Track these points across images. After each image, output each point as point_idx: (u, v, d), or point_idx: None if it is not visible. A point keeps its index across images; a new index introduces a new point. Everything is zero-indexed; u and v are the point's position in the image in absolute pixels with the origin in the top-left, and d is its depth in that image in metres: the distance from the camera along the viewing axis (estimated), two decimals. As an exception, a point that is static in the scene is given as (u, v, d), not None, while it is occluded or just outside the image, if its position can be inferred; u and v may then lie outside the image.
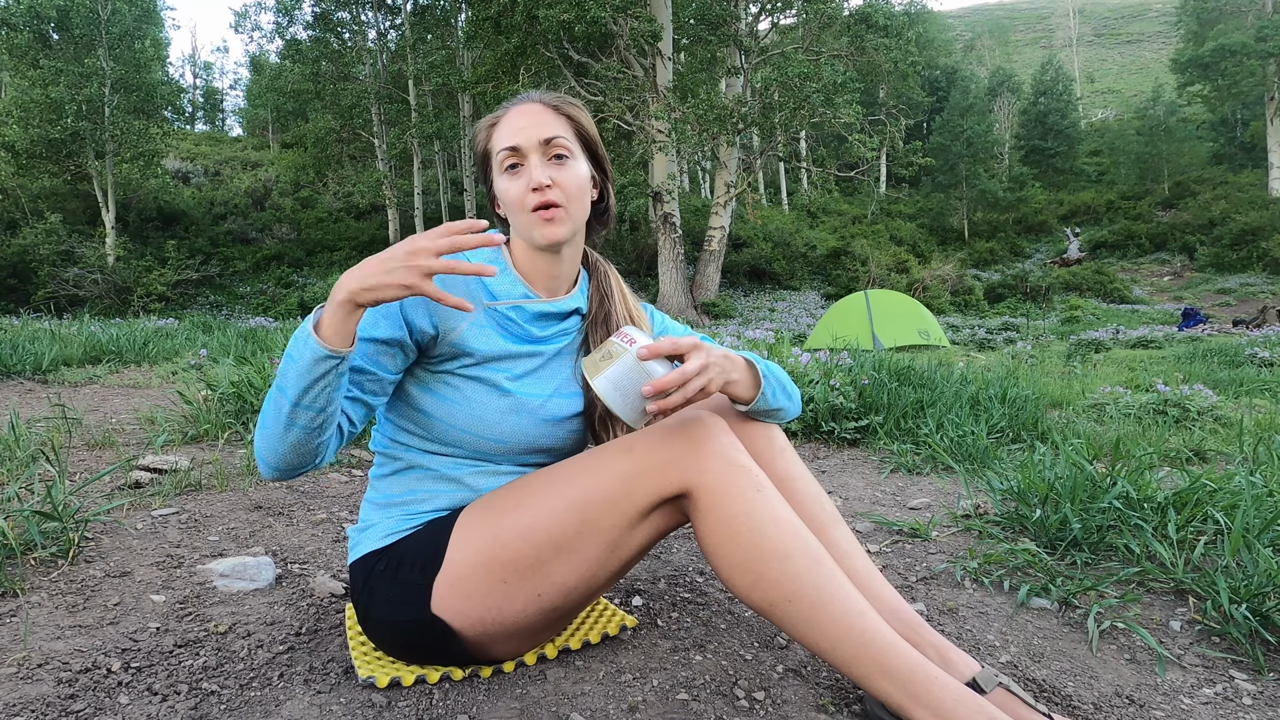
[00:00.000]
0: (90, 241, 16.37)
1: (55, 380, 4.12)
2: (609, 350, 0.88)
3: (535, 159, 1.00)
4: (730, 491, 0.89)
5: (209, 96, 52.20)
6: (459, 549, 0.95)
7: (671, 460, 0.91)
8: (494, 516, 0.95)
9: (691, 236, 18.44)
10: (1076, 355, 7.71)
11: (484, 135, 1.06)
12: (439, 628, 0.95)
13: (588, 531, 0.93)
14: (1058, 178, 33.32)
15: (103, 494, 1.78)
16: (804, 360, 3.22)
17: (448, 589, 0.94)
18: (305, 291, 16.04)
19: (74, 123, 16.15)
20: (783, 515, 0.89)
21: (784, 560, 0.87)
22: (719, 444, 0.92)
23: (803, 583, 0.86)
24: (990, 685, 0.90)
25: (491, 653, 1.00)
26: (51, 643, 1.06)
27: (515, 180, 1.01)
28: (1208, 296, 19.46)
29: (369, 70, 21.69)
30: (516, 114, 1.03)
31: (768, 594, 0.87)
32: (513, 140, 1.01)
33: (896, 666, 0.83)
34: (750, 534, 0.88)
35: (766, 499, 0.90)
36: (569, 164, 1.03)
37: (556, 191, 1.01)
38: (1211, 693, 1.08)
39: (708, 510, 0.90)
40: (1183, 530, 1.54)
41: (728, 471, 0.90)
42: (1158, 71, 44.47)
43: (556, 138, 1.01)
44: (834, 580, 0.87)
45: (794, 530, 0.89)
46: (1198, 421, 3.21)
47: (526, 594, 0.94)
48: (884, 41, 16.00)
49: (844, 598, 0.86)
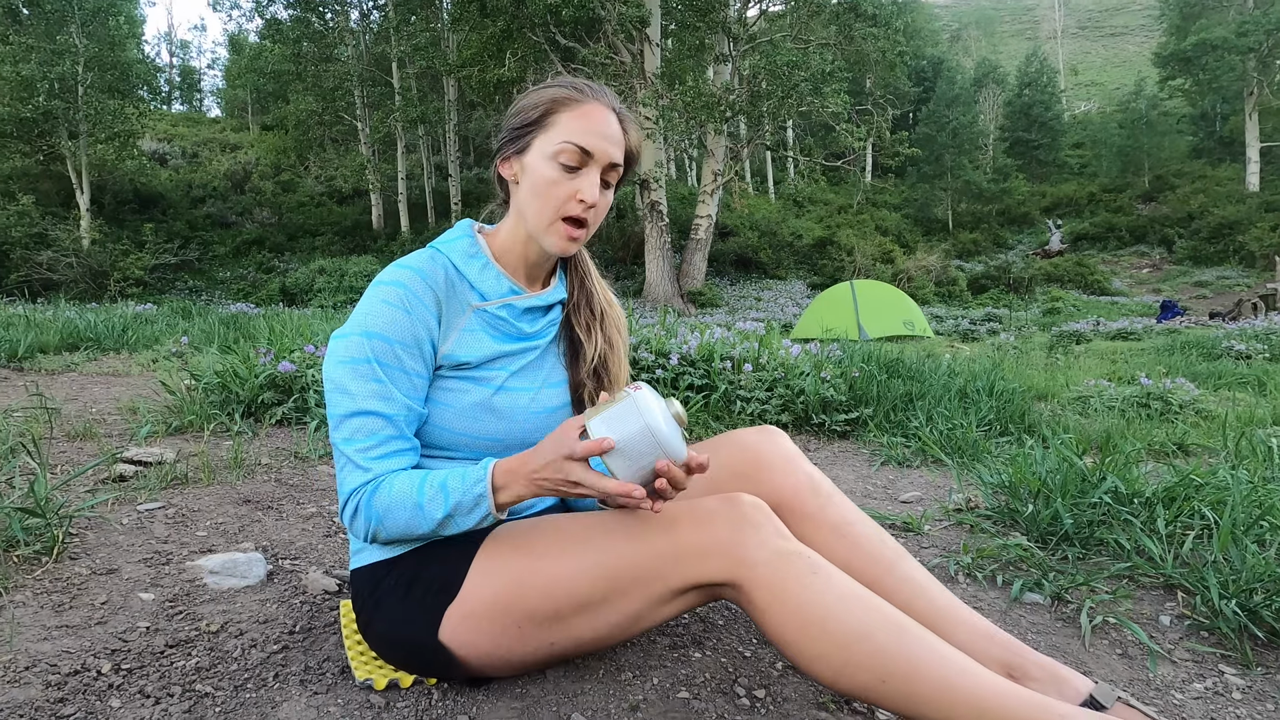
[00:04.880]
0: (64, 224, 16.01)
1: (31, 368, 4.03)
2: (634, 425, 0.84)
3: (596, 175, 0.99)
4: (787, 582, 0.84)
5: (186, 76, 51.03)
6: (477, 584, 0.92)
7: (716, 549, 0.87)
8: (520, 559, 0.92)
9: (678, 225, 18.39)
10: (1058, 347, 7.80)
11: (547, 105, 0.99)
12: (443, 653, 0.93)
13: (614, 599, 0.90)
14: (1041, 169, 33.62)
15: (86, 488, 1.74)
16: (794, 352, 3.22)
17: (460, 620, 0.92)
18: (287, 277, 15.78)
19: (46, 101, 15.76)
20: (849, 592, 0.84)
21: (864, 640, 0.81)
22: (765, 533, 0.87)
23: (892, 659, 0.80)
24: (1110, 701, 0.86)
25: (491, 677, 0.99)
26: (38, 644, 1.03)
27: (567, 180, 0.98)
28: (1185, 289, 19.79)
29: (351, 52, 21.32)
30: (599, 114, 0.99)
31: (857, 679, 0.81)
32: (590, 144, 0.97)
33: (1015, 713, 0.76)
34: (822, 622, 0.82)
35: (827, 579, 0.84)
36: (609, 192, 1.03)
37: (593, 213, 1.00)
38: (1202, 687, 1.10)
39: (768, 606, 0.85)
40: (1171, 525, 1.56)
41: (779, 562, 0.85)
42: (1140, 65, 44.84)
43: (619, 166, 1.01)
44: (923, 645, 0.81)
45: (865, 605, 0.83)
46: (1180, 415, 3.26)
47: (539, 641, 0.92)
48: (872, 31, 15.99)
49: (940, 661, 0.80)
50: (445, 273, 1.00)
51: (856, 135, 15.27)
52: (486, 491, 0.87)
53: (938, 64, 36.99)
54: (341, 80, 21.00)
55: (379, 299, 0.95)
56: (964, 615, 0.96)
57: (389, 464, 0.92)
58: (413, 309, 0.94)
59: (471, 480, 0.88)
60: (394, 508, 0.90)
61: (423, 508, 0.88)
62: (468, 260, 1.03)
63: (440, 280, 0.98)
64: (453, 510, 0.88)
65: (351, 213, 22.45)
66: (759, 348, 3.22)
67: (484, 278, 1.03)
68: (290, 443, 2.32)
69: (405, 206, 21.11)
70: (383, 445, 0.92)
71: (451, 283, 1.00)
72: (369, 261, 15.70)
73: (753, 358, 3.09)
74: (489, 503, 0.87)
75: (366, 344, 0.93)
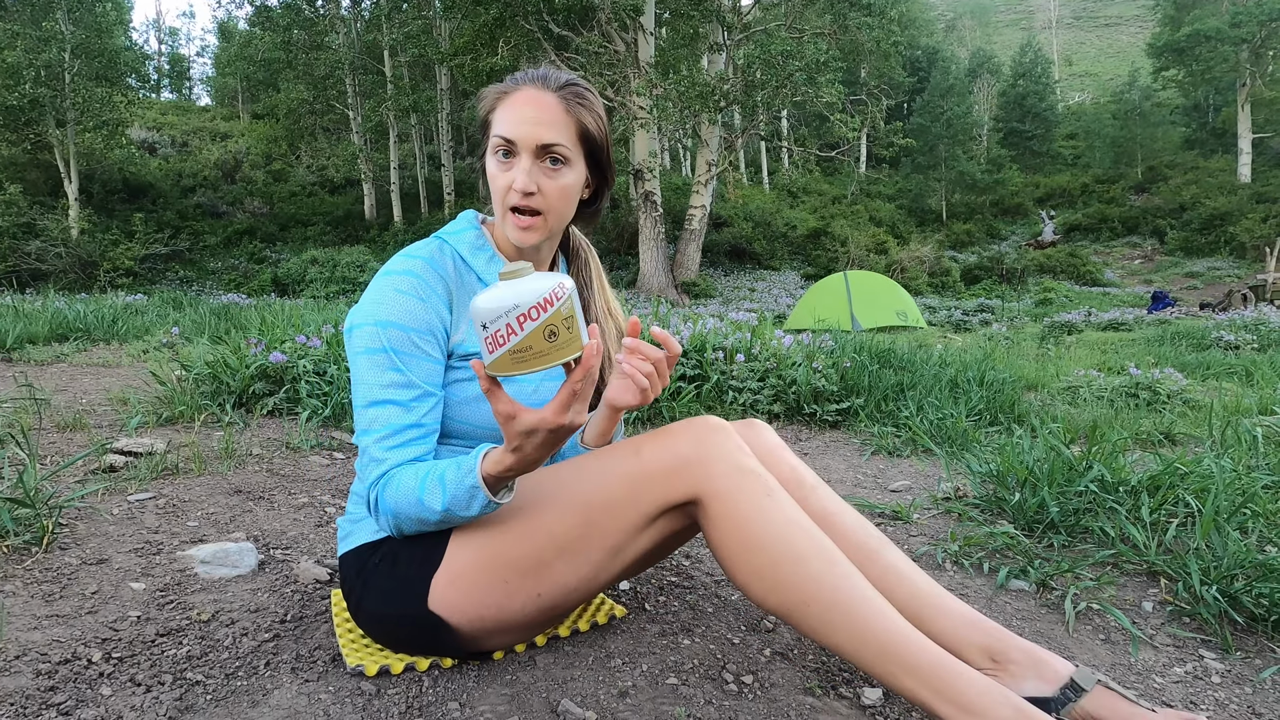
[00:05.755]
0: (53, 214, 15.82)
1: (20, 359, 4.00)
2: (558, 325, 0.75)
3: (526, 161, 0.96)
4: (740, 497, 0.88)
5: (175, 64, 50.49)
6: (460, 546, 0.94)
7: (679, 466, 0.90)
8: (497, 515, 0.94)
9: (672, 215, 18.33)
10: (1050, 337, 7.84)
11: (488, 104, 1.00)
12: (433, 622, 0.94)
13: (591, 534, 0.92)
14: (1035, 160, 33.62)
15: (76, 478, 1.74)
16: (786, 342, 3.23)
17: (447, 585, 0.93)
18: (279, 267, 15.65)
19: (33, 89, 15.51)
20: (795, 519, 0.88)
21: (798, 564, 0.86)
22: (727, 449, 0.91)
23: (819, 585, 0.85)
24: (1089, 684, 0.88)
25: (484, 645, 1.00)
26: (28, 633, 1.03)
27: (504, 171, 0.97)
28: (1176, 280, 19.88)
29: (343, 39, 21.09)
30: (525, 99, 0.96)
31: (784, 599, 0.87)
32: (509, 132, 0.95)
33: (920, 664, 0.82)
34: (763, 539, 0.87)
35: (778, 503, 0.89)
36: (561, 172, 0.98)
37: (539, 199, 0.97)
38: (1182, 671, 1.12)
39: (719, 518, 0.89)
40: (1156, 513, 1.58)
41: (737, 477, 0.89)
42: (1134, 55, 44.85)
43: (555, 145, 0.96)
44: (850, 581, 0.86)
45: (807, 534, 0.88)
46: (1168, 404, 3.29)
47: (527, 593, 0.93)
48: (867, 20, 15.91)
49: (862, 598, 0.85)
50: (453, 263, 1.01)
51: (851, 125, 15.24)
52: (478, 482, 0.86)
53: (933, 54, 36.87)
54: (333, 68, 20.77)
55: (391, 288, 0.95)
56: (947, 602, 0.98)
57: (404, 453, 0.93)
58: (426, 297, 0.95)
59: (465, 470, 0.87)
60: (402, 502, 0.90)
61: (423, 502, 0.88)
62: (475, 252, 1.04)
63: (449, 270, 0.99)
64: (450, 504, 0.87)
65: (344, 202, 22.29)
66: (751, 338, 3.22)
67: (490, 270, 1.03)
68: (281, 433, 2.31)
69: (398, 196, 20.96)
70: (398, 434, 0.93)
71: (460, 273, 1.01)
72: (361, 252, 15.60)
73: (745, 348, 3.10)
74: (484, 493, 0.86)
75: (381, 334, 0.93)
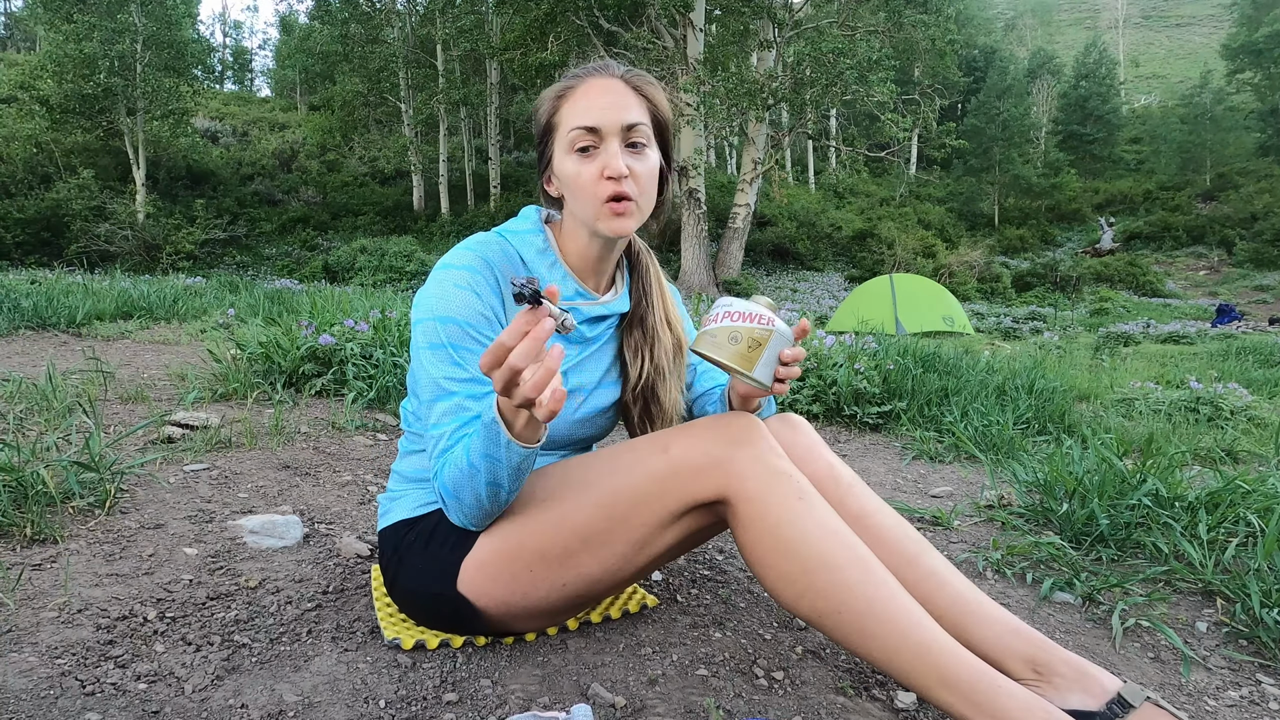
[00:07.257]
0: (121, 198, 16.56)
1: (88, 334, 4.21)
2: (742, 334, 0.88)
3: (615, 145, 0.94)
4: (771, 500, 0.86)
5: (238, 56, 52.24)
6: (490, 532, 0.95)
7: (709, 465, 0.88)
8: (526, 504, 0.94)
9: (715, 213, 18.23)
10: (1105, 348, 7.56)
11: (550, 106, 0.99)
12: (463, 604, 0.96)
13: (617, 528, 0.91)
14: (1094, 165, 32.45)
15: (137, 447, 1.82)
16: (828, 343, 3.19)
17: (475, 570, 0.94)
18: (329, 255, 16.11)
19: (107, 78, 16.26)
20: (828, 523, 0.86)
21: (831, 570, 0.83)
22: (759, 449, 0.88)
23: (852, 593, 0.82)
24: (1138, 700, 0.84)
25: (513, 628, 1.01)
26: (90, 589, 1.09)
27: (588, 163, 0.95)
28: (1244, 293, 18.96)
29: (397, 33, 21.53)
30: (595, 89, 0.95)
31: (816, 605, 0.84)
32: (592, 120, 0.94)
33: (959, 677, 0.78)
34: (794, 544, 0.84)
35: (810, 506, 0.86)
36: (645, 153, 0.97)
37: (631, 183, 0.95)
38: (1237, 695, 1.07)
39: (748, 520, 0.87)
40: (1214, 531, 1.51)
41: (769, 479, 0.86)
42: (1207, 56, 42.79)
43: (638, 124, 0.95)
44: (885, 589, 0.82)
45: (841, 539, 0.85)
46: (1230, 421, 3.14)
47: (551, 582, 0.94)
48: (922, 18, 15.56)
49: (897, 607, 0.82)
50: (511, 262, 1.00)
51: (902, 125, 14.89)
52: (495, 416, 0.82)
53: (990, 53, 35.85)
54: (387, 62, 21.23)
55: (450, 283, 0.95)
56: (989, 609, 0.94)
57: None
58: (481, 293, 0.95)
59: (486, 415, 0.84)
60: (455, 474, 0.88)
61: (469, 461, 0.86)
62: (539, 256, 1.03)
63: (506, 268, 0.99)
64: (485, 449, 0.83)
65: (393, 193, 22.78)
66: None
67: (553, 276, 1.03)
68: (328, 413, 2.38)
69: (446, 188, 21.33)
70: (463, 427, 0.91)
71: (518, 272, 1.00)
72: (409, 242, 15.91)
73: (786, 347, 3.06)
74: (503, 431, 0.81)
75: (440, 329, 0.93)
